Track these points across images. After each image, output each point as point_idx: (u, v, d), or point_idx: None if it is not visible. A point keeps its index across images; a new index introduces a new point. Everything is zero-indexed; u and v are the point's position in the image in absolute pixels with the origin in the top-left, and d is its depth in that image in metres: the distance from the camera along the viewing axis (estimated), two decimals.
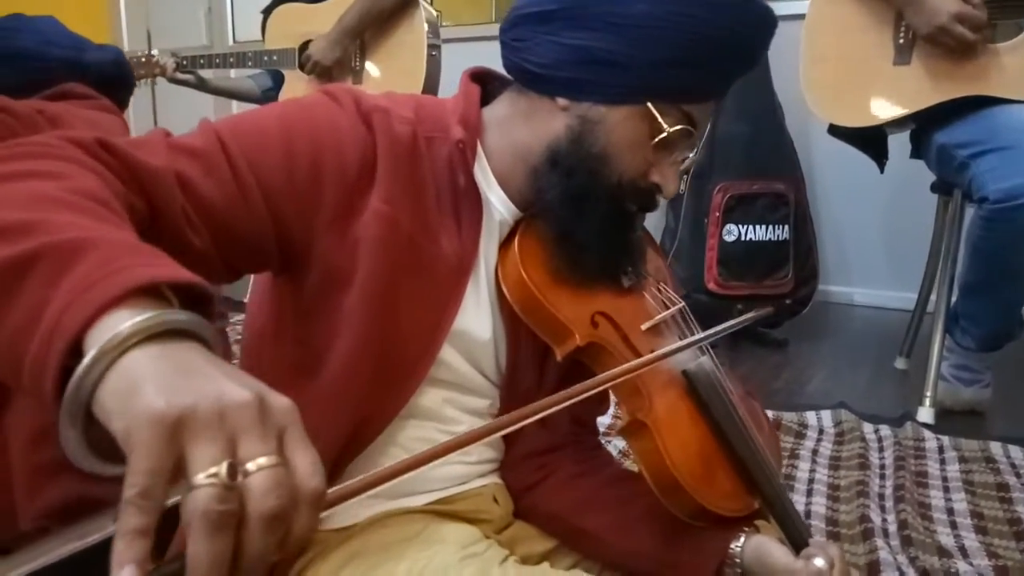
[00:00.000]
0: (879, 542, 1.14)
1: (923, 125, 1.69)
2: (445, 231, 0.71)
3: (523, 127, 0.73)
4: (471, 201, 0.72)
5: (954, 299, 1.70)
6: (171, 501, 0.34)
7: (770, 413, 1.69)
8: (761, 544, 0.71)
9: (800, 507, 1.30)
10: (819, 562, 0.68)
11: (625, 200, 0.72)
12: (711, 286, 2.26)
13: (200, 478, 0.33)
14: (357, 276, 0.67)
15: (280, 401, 0.38)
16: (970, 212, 1.64)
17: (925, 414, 1.68)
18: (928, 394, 1.69)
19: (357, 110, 0.68)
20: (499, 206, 0.75)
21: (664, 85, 0.68)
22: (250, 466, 0.34)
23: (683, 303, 0.82)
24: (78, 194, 0.47)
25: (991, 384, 1.73)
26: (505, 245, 0.74)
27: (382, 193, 0.67)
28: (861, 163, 1.92)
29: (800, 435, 1.62)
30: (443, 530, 0.72)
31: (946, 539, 1.20)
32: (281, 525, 0.35)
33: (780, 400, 1.81)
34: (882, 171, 1.93)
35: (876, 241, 2.77)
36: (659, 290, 0.82)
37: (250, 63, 2.36)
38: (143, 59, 2.32)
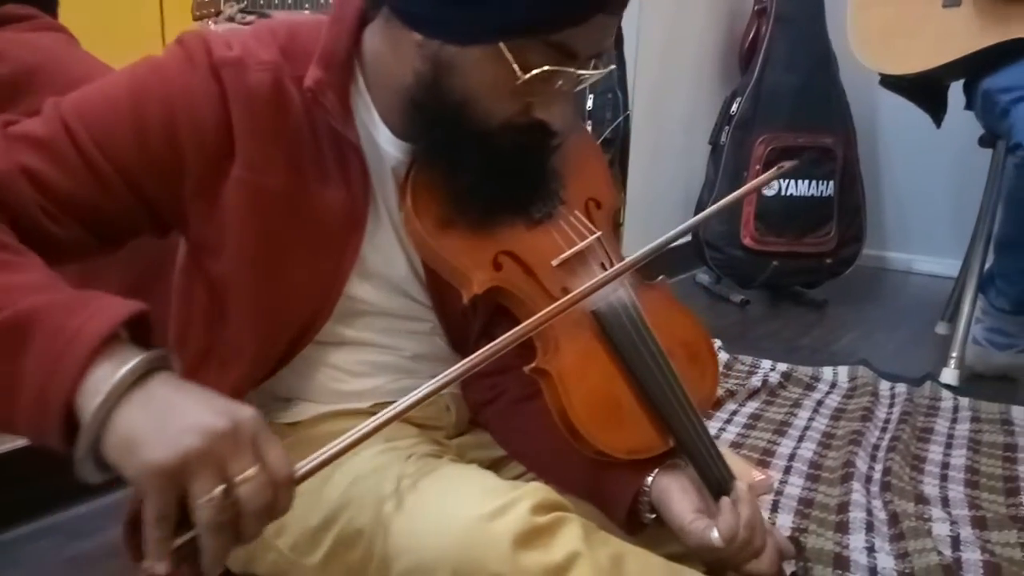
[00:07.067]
0: (856, 485, 1.13)
1: (974, 72, 1.59)
2: (331, 181, 0.67)
3: (391, 59, 0.65)
4: (352, 146, 0.66)
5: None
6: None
7: (783, 366, 1.66)
8: (666, 489, 0.69)
9: (787, 451, 1.30)
10: (714, 535, 0.64)
11: (508, 140, 0.64)
12: (747, 241, 2.21)
13: (203, 502, 0.45)
14: (226, 246, 0.66)
15: (246, 414, 0.48)
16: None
17: (949, 375, 1.61)
18: (954, 355, 1.62)
19: (209, 65, 0.62)
20: (387, 147, 0.68)
21: (512, 19, 0.58)
22: (238, 479, 0.46)
23: (599, 232, 0.74)
24: None
25: None
26: (401, 188, 0.69)
27: (244, 157, 0.63)
28: (925, 122, 1.82)
29: (810, 387, 1.59)
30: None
31: (930, 489, 1.17)
32: (268, 510, 0.47)
33: (802, 356, 1.78)
34: (938, 125, 1.83)
35: (937, 205, 2.61)
36: (576, 219, 0.75)
37: (307, 6, 2.43)
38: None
